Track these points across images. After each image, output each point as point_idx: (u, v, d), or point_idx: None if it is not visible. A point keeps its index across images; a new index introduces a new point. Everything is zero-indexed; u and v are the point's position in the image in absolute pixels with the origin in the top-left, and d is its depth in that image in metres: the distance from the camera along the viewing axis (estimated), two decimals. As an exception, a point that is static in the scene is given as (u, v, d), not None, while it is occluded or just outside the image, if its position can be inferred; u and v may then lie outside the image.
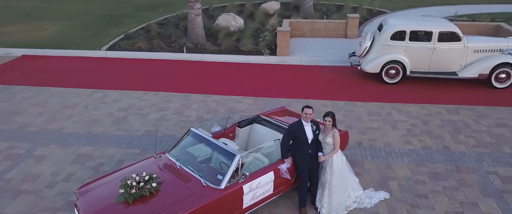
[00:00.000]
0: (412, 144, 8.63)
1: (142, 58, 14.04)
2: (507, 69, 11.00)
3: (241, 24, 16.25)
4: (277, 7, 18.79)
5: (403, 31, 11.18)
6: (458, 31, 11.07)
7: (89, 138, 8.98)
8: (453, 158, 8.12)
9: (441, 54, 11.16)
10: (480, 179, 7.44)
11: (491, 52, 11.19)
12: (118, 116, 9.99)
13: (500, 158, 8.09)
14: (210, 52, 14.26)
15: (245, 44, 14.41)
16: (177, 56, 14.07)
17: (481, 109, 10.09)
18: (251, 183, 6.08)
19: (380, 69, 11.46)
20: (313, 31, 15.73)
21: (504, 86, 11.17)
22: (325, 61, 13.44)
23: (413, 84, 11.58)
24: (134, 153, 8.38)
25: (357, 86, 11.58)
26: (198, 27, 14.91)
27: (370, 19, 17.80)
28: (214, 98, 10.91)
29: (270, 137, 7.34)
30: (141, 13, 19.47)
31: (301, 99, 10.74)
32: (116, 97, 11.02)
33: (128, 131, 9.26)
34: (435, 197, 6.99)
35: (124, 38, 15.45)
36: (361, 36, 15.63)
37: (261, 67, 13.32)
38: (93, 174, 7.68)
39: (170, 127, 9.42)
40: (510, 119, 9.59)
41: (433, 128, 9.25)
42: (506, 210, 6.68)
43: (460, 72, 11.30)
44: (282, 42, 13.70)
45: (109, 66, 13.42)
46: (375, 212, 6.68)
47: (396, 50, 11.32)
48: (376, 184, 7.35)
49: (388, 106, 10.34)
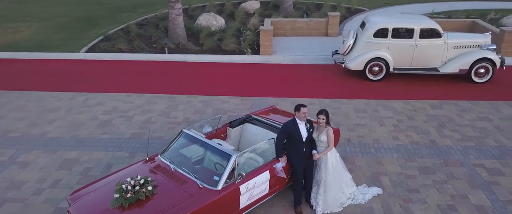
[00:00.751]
0: (400, 140, 8.76)
1: (123, 60, 13.79)
2: (486, 64, 11.30)
3: (222, 24, 16.16)
4: (257, 6, 18.77)
5: (385, 29, 11.35)
6: (439, 28, 11.31)
7: (74, 142, 8.75)
8: (440, 152, 8.28)
9: (422, 51, 11.38)
10: (468, 172, 7.61)
11: (470, 48, 11.47)
12: (102, 119, 9.78)
13: (485, 150, 8.30)
14: (193, 52, 14.14)
15: (228, 44, 14.34)
16: (159, 57, 13.88)
17: (463, 103, 10.33)
18: (247, 183, 6.04)
19: (363, 66, 11.59)
20: (295, 30, 15.79)
21: (483, 81, 11.47)
22: (308, 59, 13.51)
23: (396, 80, 11.76)
24: (123, 156, 8.21)
25: (341, 84, 11.68)
26: (179, 28, 14.75)
27: (350, 17, 18.00)
28: (199, 99, 10.81)
29: (262, 136, 7.32)
30: (119, 14, 19.13)
31: (287, 98, 10.76)
32: (99, 100, 10.78)
33: (114, 134, 9.07)
34: (426, 191, 7.12)
35: (104, 39, 15.15)
36: (342, 34, 15.78)
37: (245, 66, 13.28)
38: (81, 179, 7.49)
39: (157, 129, 9.28)
40: (491, 113, 9.85)
41: (419, 123, 9.42)
42: (495, 201, 6.85)
43: (441, 68, 11.54)
44: (265, 42, 13.70)
45: (89, 68, 13.12)
46: (369, 208, 6.74)
47: (379, 47, 11.47)
48: (368, 180, 7.43)
49: (373, 103, 10.46)
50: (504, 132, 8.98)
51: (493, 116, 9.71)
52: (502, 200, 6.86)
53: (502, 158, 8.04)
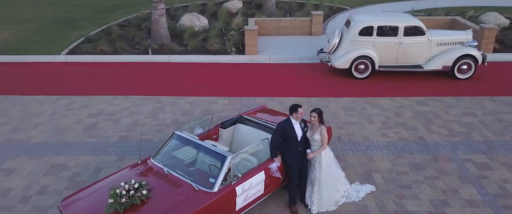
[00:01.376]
0: (389, 136, 8.84)
1: (106, 62, 13.53)
2: (468, 61, 11.51)
3: (205, 24, 16.04)
4: (239, 6, 18.70)
5: (370, 27, 11.44)
6: (422, 26, 11.47)
7: (60, 147, 8.53)
8: (429, 148, 8.39)
9: (407, 48, 11.52)
10: (457, 167, 7.73)
11: (453, 45, 11.67)
12: (88, 122, 9.56)
13: (472, 145, 8.45)
14: (177, 53, 13.98)
15: (212, 44, 14.24)
16: (142, 58, 13.67)
17: (448, 100, 10.50)
18: (243, 184, 5.99)
19: (349, 64, 11.66)
20: (279, 29, 15.79)
21: (466, 77, 11.68)
22: (294, 58, 13.52)
23: (382, 78, 11.87)
24: (111, 160, 8.05)
25: (328, 82, 11.72)
26: (163, 28, 14.57)
27: (332, 16, 18.10)
28: (187, 100, 10.68)
29: (254, 137, 7.28)
30: (98, 15, 18.77)
31: (275, 97, 10.74)
32: (84, 103, 10.54)
33: (101, 138, 8.88)
34: (418, 187, 7.19)
35: (85, 41, 14.84)
36: (325, 33, 15.86)
37: (231, 66, 13.20)
38: (70, 185, 7.30)
39: (145, 132, 9.12)
40: (475, 108, 10.04)
41: (407, 120, 9.52)
42: (485, 195, 6.97)
43: (425, 65, 11.70)
44: (250, 41, 13.65)
45: (71, 71, 12.82)
46: (364, 205, 6.77)
47: (364, 45, 11.56)
48: (360, 177, 7.46)
49: (361, 100, 10.53)
50: (489, 127, 9.16)
51: (478, 111, 9.90)
52: (491, 194, 6.99)
53: (489, 152, 8.19)
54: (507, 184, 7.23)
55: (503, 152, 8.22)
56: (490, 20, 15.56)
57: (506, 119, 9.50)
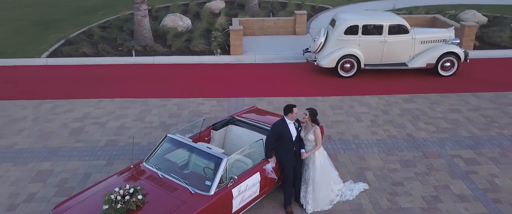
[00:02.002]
0: (378, 134, 8.92)
1: (88, 64, 13.25)
2: (451, 58, 11.73)
3: (188, 24, 15.89)
4: (222, 6, 18.61)
5: (355, 26, 11.53)
6: (406, 24, 11.62)
7: (46, 153, 8.31)
8: (418, 144, 8.50)
9: (391, 47, 11.65)
10: (446, 163, 7.86)
11: (436, 43, 11.87)
12: (74, 126, 9.34)
13: (460, 141, 8.60)
14: (161, 54, 13.81)
15: (197, 45, 14.12)
16: (126, 60, 13.45)
17: (433, 97, 10.67)
18: (239, 186, 5.94)
19: (335, 63, 11.73)
20: (263, 29, 15.77)
21: (449, 74, 11.90)
22: (280, 58, 13.52)
23: (368, 77, 11.98)
24: (100, 165, 7.88)
25: (315, 82, 11.76)
26: (146, 29, 14.37)
27: (315, 15, 18.19)
28: (173, 102, 10.56)
29: (247, 138, 7.24)
30: (77, 17, 18.38)
31: (263, 97, 10.72)
32: (68, 107, 10.30)
33: (89, 142, 8.69)
34: (410, 184, 7.28)
35: (65, 43, 14.51)
36: (309, 32, 15.93)
37: (217, 67, 13.11)
38: (59, 191, 7.11)
39: (134, 135, 8.96)
40: (460, 105, 10.23)
41: (394, 117, 9.63)
42: (475, 189, 7.10)
43: (409, 62, 11.87)
44: (235, 41, 13.59)
45: (53, 74, 12.51)
46: (358, 203, 6.81)
47: (350, 44, 11.64)
48: (353, 176, 7.50)
49: (348, 99, 10.60)
50: (474, 123, 9.34)
51: (462, 107, 10.09)
52: (481, 188, 7.13)
53: (476, 147, 8.36)
54: (495, 178, 7.38)
55: (489, 147, 8.39)
56: (469, 18, 15.89)
57: (490, 115, 9.71)
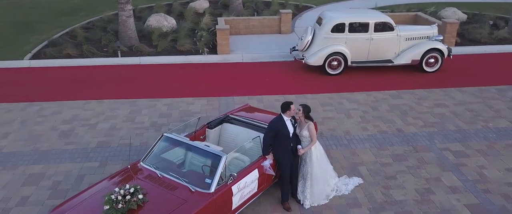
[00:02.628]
0: (369, 130, 9.07)
1: (73, 66, 13.04)
2: (435, 54, 12.00)
3: (173, 24, 15.81)
4: (206, 5, 18.56)
5: (342, 24, 11.68)
6: (391, 21, 11.83)
7: (36, 156, 8.16)
8: (407, 139, 8.68)
9: (377, 44, 11.84)
10: (436, 156, 8.05)
11: (420, 39, 12.12)
12: (63, 129, 9.20)
13: (448, 135, 8.82)
14: (147, 54, 13.70)
15: (183, 44, 14.06)
16: (112, 61, 13.29)
17: (420, 92, 10.90)
18: (238, 183, 5.97)
19: (323, 61, 11.85)
20: (248, 28, 15.80)
21: (433, 70, 12.17)
22: (267, 57, 13.58)
23: (355, 74, 12.14)
24: (93, 166, 7.79)
25: (303, 79, 11.86)
26: (131, 30, 14.24)
27: (299, 14, 18.31)
28: (163, 102, 10.50)
29: (242, 135, 7.28)
30: (58, 18, 18.05)
31: (253, 96, 10.76)
32: (56, 109, 10.13)
33: (79, 144, 8.58)
34: (403, 177, 7.43)
35: (48, 45, 14.26)
36: (294, 31, 16.04)
37: (204, 66, 13.09)
38: (53, 194, 7.02)
39: (124, 136, 8.90)
40: (445, 99, 10.48)
41: (383, 113, 9.80)
42: (465, 181, 7.30)
43: (395, 59, 12.08)
44: (222, 41, 13.59)
45: (37, 76, 12.28)
46: (354, 197, 6.92)
47: (337, 42, 11.79)
48: (347, 171, 7.62)
49: (337, 96, 10.74)
50: (460, 117, 9.59)
51: (448, 102, 10.33)
52: (471, 180, 7.33)
53: (464, 140, 8.58)
54: (484, 170, 7.60)
55: (476, 139, 8.63)
56: (449, 15, 16.26)
57: (475, 109, 9.98)
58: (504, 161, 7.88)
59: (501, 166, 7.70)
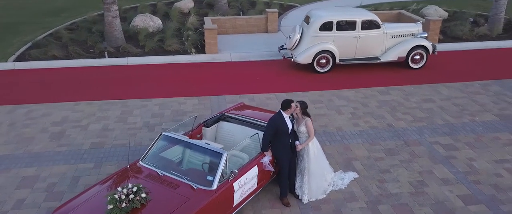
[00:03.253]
0: (360, 126, 9.23)
1: (59, 67, 12.87)
2: (421, 51, 12.28)
3: (159, 24, 15.74)
4: (191, 5, 18.53)
5: (330, 22, 11.84)
6: (378, 19, 12.06)
7: (29, 158, 8.05)
8: (398, 133, 8.88)
9: (364, 41, 12.05)
10: (427, 150, 8.26)
11: (406, 37, 12.38)
12: (54, 131, 9.09)
13: (436, 129, 9.06)
14: (135, 55, 13.61)
15: (171, 44, 14.02)
16: (99, 62, 13.16)
17: (407, 88, 11.14)
18: (239, 179, 6.03)
19: (312, 59, 11.99)
20: (235, 27, 15.85)
21: (419, 67, 12.45)
22: (255, 56, 13.66)
23: (343, 71, 12.32)
24: (88, 168, 7.73)
25: (293, 77, 11.98)
26: (117, 30, 14.12)
27: (284, 13, 18.45)
28: (155, 102, 10.47)
29: (239, 133, 7.33)
30: (41, 19, 17.75)
31: (244, 94, 10.82)
32: (44, 111, 9.99)
33: (72, 146, 8.49)
34: (396, 171, 7.61)
35: (33, 47, 14.03)
36: (280, 30, 16.16)
37: (193, 66, 13.08)
38: (49, 196, 6.94)
39: (118, 136, 8.84)
40: (432, 95, 10.74)
41: (373, 109, 9.99)
42: (456, 173, 7.52)
43: (381, 56, 12.32)
44: (210, 40, 13.61)
45: (22, 78, 12.07)
46: (350, 191, 7.05)
47: (325, 40, 11.94)
48: (341, 166, 7.75)
49: (327, 93, 10.89)
50: (447, 111, 9.85)
51: (435, 97, 10.60)
52: (462, 172, 7.55)
53: (452, 134, 8.83)
54: (473, 162, 7.84)
55: (464, 133, 8.89)
56: (431, 13, 16.63)
57: (461, 103, 10.26)
58: (491, 153, 8.14)
59: (489, 158, 7.96)
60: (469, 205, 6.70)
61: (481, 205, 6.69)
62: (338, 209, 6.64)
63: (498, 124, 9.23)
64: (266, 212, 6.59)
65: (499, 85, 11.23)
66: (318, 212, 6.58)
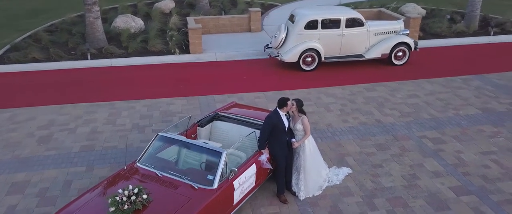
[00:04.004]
0: (349, 122, 9.37)
1: (41, 70, 12.56)
2: (403, 48, 12.54)
3: (141, 25, 15.57)
4: (172, 5, 18.38)
5: (315, 21, 11.96)
6: (361, 17, 12.25)
7: (17, 164, 7.85)
8: (387, 129, 9.06)
9: (349, 39, 12.22)
10: (416, 144, 8.46)
11: (389, 34, 12.62)
12: (41, 134, 8.89)
13: (423, 123, 9.28)
14: (118, 56, 13.42)
15: (154, 45, 13.89)
16: (81, 64, 12.91)
17: (392, 84, 11.36)
18: (239, 178, 6.05)
19: (298, 58, 12.09)
20: (218, 27, 15.82)
21: (402, 63, 12.71)
22: (240, 55, 13.67)
23: (328, 69, 12.47)
24: (80, 171, 7.60)
25: (279, 76, 12.05)
26: (99, 31, 13.90)
27: (265, 12, 18.50)
28: (142, 103, 10.36)
29: (234, 132, 7.35)
30: (18, 21, 17.29)
31: (233, 94, 10.83)
32: (29, 115, 9.76)
33: (61, 149, 8.33)
34: (388, 165, 7.76)
35: (11, 49, 13.65)
36: (264, 29, 16.21)
37: (178, 66, 12.99)
38: (41, 202, 6.79)
39: (108, 139, 8.72)
40: (417, 90, 10.99)
41: (361, 106, 10.15)
42: (446, 165, 7.73)
43: (365, 54, 12.52)
44: (194, 40, 13.54)
45: (3, 81, 11.72)
46: (346, 187, 7.16)
47: (310, 38, 12.06)
48: (334, 162, 7.86)
49: (314, 91, 11.00)
50: (432, 106, 10.10)
51: (419, 92, 10.85)
52: (451, 164, 7.77)
53: (439, 128, 9.07)
54: (461, 154, 8.07)
55: (450, 126, 9.14)
56: (410, 10, 16.99)
57: (444, 98, 10.54)
58: (477, 145, 8.40)
59: (476, 150, 8.21)
60: (460, 195, 6.90)
61: (472, 196, 6.90)
62: (335, 205, 6.74)
63: (481, 117, 9.53)
64: (265, 209, 6.64)
65: (479, 80, 11.59)
66: (315, 208, 6.66)
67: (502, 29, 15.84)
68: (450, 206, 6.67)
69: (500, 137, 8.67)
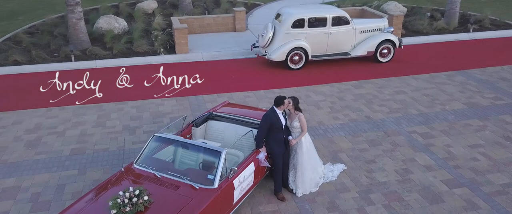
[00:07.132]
0: (340, 119, 9.48)
1: (24, 73, 12.27)
2: (388, 45, 12.74)
3: (124, 26, 15.37)
4: (154, 6, 18.18)
5: (302, 19, 12.04)
6: (347, 15, 12.40)
7: (6, 169, 7.66)
8: (377, 125, 9.20)
9: (335, 37, 12.35)
10: (406, 139, 8.62)
11: (374, 32, 12.81)
12: (29, 138, 8.69)
13: (412, 118, 9.46)
14: (103, 57, 13.22)
15: (139, 45, 13.74)
16: (65, 65, 12.67)
17: (379, 81, 11.54)
18: (238, 177, 6.05)
19: (285, 57, 12.14)
20: (203, 27, 15.75)
21: (387, 60, 12.92)
22: (227, 55, 13.64)
23: (315, 67, 12.57)
24: (73, 174, 7.47)
25: (267, 75, 12.08)
26: (82, 32, 13.66)
27: (249, 12, 18.50)
28: (131, 105, 10.24)
29: (229, 132, 7.34)
30: (-5, 23, 16.86)
31: (222, 93, 10.81)
32: (15, 118, 9.53)
33: (51, 153, 8.16)
34: (381, 160, 7.89)
35: (-9, 52, 13.30)
36: (248, 29, 16.22)
37: (165, 67, 12.80)
38: (35, 207, 6.65)
39: (99, 141, 8.59)
40: (403, 87, 11.19)
41: (350, 103, 10.28)
42: (437, 159, 7.90)
43: (351, 51, 12.67)
44: (180, 40, 13.45)
45: (-15, 86, 11.44)
46: (341, 183, 7.25)
47: (297, 37, 12.13)
48: (329, 158, 7.94)
49: (303, 89, 11.07)
50: (419, 101, 10.30)
51: (406, 89, 11.05)
52: (441, 158, 7.95)
53: (427, 123, 9.25)
54: (450, 148, 8.27)
55: (438, 121, 9.34)
56: (391, 8, 17.26)
57: (430, 93, 10.76)
58: (465, 139, 8.61)
59: (464, 144, 8.42)
60: (453, 188, 7.07)
61: (464, 188, 7.07)
62: (333, 201, 6.81)
63: (467, 111, 9.77)
64: (263, 207, 6.65)
65: (463, 75, 11.88)
66: (313, 204, 6.72)
67: (480, 26, 16.27)
68: (443, 199, 6.82)
69: (486, 131, 8.91)
